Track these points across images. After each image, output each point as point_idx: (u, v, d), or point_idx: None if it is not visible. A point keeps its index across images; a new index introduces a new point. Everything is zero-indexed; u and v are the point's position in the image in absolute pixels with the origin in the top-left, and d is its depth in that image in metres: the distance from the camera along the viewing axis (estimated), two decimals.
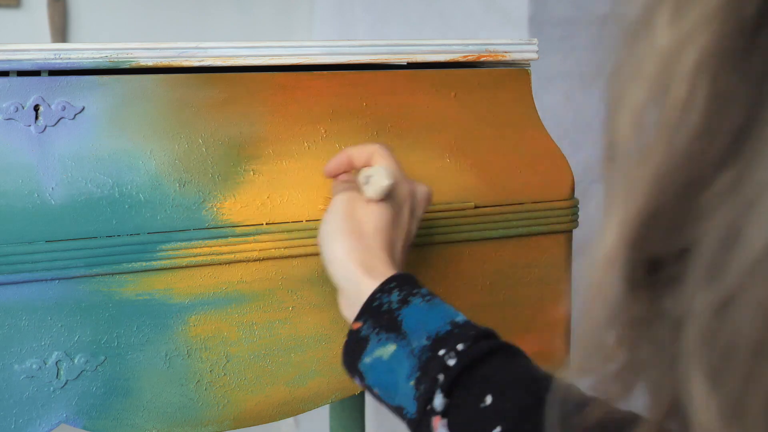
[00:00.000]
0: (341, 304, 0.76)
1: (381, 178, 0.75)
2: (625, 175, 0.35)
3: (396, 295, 0.71)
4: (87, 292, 0.78)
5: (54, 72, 0.78)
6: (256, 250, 0.83)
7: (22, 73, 0.77)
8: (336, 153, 0.86)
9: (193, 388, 0.82)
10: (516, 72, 0.94)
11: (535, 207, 0.93)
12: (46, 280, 0.76)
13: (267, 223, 0.83)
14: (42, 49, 0.77)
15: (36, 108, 0.77)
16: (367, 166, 0.80)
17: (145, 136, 0.80)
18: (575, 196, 0.96)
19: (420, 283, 0.73)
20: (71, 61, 0.78)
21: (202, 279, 0.82)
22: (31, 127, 0.77)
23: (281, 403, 0.86)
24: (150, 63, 0.80)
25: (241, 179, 0.83)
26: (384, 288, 0.72)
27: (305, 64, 0.86)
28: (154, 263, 0.79)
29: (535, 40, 0.93)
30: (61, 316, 0.77)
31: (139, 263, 0.79)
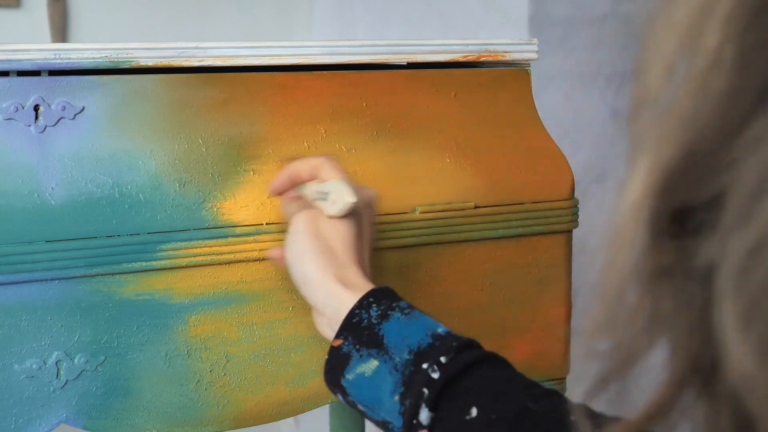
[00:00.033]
0: (318, 323, 0.76)
1: (344, 195, 0.74)
2: (655, 123, 0.35)
3: (375, 310, 0.70)
4: (87, 292, 0.78)
5: (54, 72, 0.78)
6: (256, 250, 0.83)
7: (22, 73, 0.77)
8: (336, 153, 0.86)
9: (193, 388, 0.82)
10: (516, 72, 0.94)
11: (535, 207, 0.93)
12: (46, 280, 0.76)
13: (267, 223, 0.83)
14: (42, 49, 0.77)
15: (36, 108, 0.77)
16: (313, 179, 0.78)
17: (145, 136, 0.80)
18: (575, 196, 0.96)
19: (398, 295, 0.73)
20: (71, 61, 0.78)
21: (202, 279, 0.82)
22: (31, 127, 0.77)
23: (281, 403, 0.86)
24: (150, 63, 0.80)
25: (241, 179, 0.83)
26: (362, 303, 0.71)
27: (305, 64, 0.86)
28: (154, 263, 0.79)
29: (535, 40, 0.93)
30: (61, 316, 0.77)
31: (139, 263, 0.79)
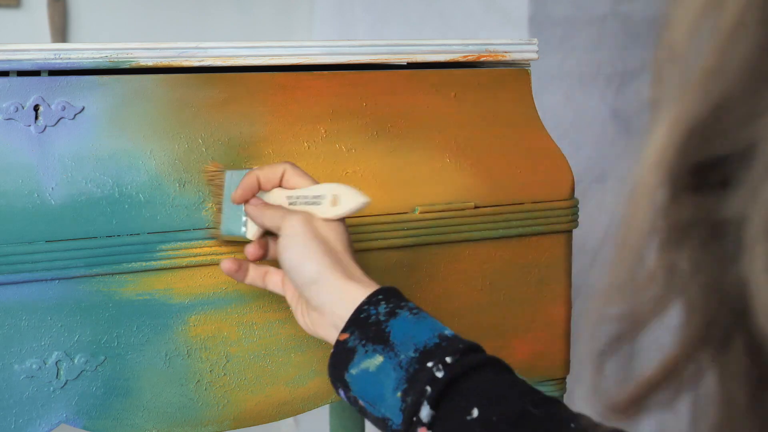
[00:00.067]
0: (317, 324, 0.74)
1: (357, 196, 0.74)
2: (680, 78, 0.35)
3: (383, 307, 0.70)
4: (87, 292, 0.78)
5: (54, 72, 0.78)
6: None
7: (22, 73, 0.77)
8: (336, 153, 0.86)
9: (193, 388, 0.82)
10: (516, 72, 0.94)
11: (535, 207, 0.93)
12: (46, 280, 0.76)
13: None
14: (42, 49, 0.77)
15: (36, 108, 0.77)
16: (278, 186, 0.77)
17: (145, 136, 0.80)
18: (575, 196, 0.96)
19: (405, 296, 0.73)
20: (71, 61, 0.78)
21: (202, 279, 0.82)
22: (31, 127, 0.77)
23: (281, 403, 0.86)
24: (150, 63, 0.80)
25: None
26: (371, 300, 0.71)
27: (305, 64, 0.86)
28: (154, 263, 0.79)
29: (535, 40, 0.93)
30: (61, 316, 0.77)
31: (139, 263, 0.79)
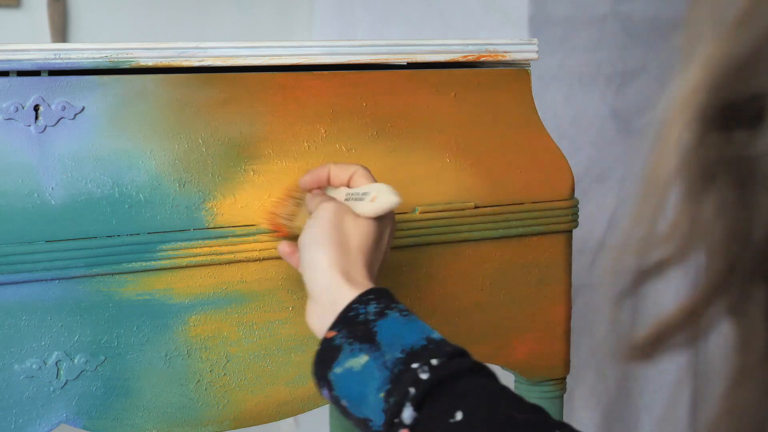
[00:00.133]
0: (311, 312, 0.74)
1: (390, 194, 0.74)
2: (714, 18, 0.35)
3: (373, 306, 0.70)
4: (87, 292, 0.78)
5: (54, 72, 0.78)
6: (256, 250, 0.83)
7: (22, 73, 0.77)
8: (336, 153, 0.86)
9: (193, 388, 0.82)
10: (516, 72, 0.94)
11: (535, 207, 0.93)
12: (46, 280, 0.76)
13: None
14: (42, 49, 0.77)
15: (36, 108, 0.77)
16: (345, 185, 0.78)
17: (145, 136, 0.80)
18: (575, 196, 0.96)
19: (397, 298, 0.72)
20: (71, 61, 0.78)
21: (202, 279, 0.82)
22: (31, 127, 0.77)
23: (281, 403, 0.86)
24: (150, 63, 0.80)
25: (241, 179, 0.83)
26: (361, 299, 0.70)
27: (305, 64, 0.86)
28: (154, 263, 0.79)
29: (535, 40, 0.93)
30: (61, 316, 0.77)
31: (139, 263, 0.79)
